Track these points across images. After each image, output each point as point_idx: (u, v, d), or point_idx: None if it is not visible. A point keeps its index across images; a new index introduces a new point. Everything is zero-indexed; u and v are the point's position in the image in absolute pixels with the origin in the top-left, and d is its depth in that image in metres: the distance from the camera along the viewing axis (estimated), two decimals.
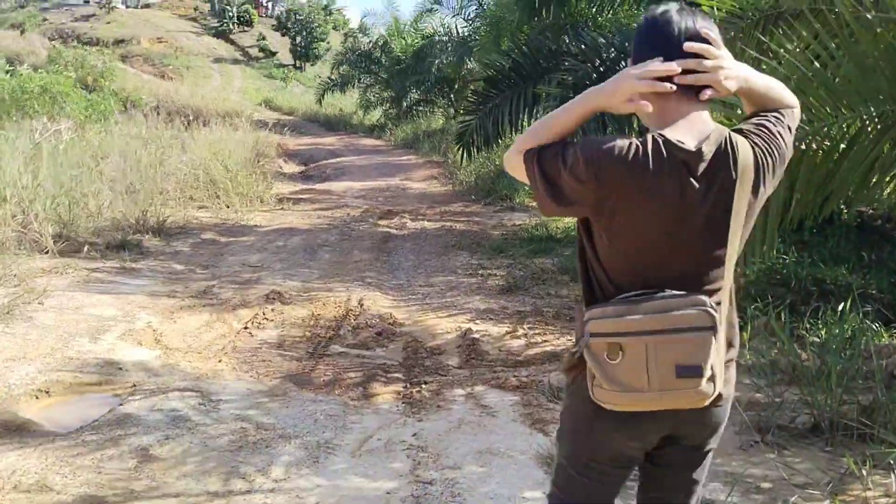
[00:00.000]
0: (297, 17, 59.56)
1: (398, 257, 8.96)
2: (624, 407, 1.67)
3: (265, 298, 6.74)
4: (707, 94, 1.73)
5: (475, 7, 19.34)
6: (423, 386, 4.73)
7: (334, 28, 62.33)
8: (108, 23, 63.51)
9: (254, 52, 62.50)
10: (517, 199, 13.60)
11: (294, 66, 59.16)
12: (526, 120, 10.79)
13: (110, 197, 10.30)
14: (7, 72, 17.16)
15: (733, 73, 1.74)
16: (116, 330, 5.68)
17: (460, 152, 11.41)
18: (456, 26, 21.27)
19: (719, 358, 1.64)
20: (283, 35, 60.91)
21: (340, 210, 13.04)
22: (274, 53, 60.83)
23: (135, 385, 4.58)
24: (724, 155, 1.68)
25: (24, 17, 65.79)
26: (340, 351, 5.42)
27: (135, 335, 5.59)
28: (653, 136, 1.68)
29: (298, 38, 58.57)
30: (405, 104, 27.88)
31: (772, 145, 1.76)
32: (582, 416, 1.82)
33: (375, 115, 30.64)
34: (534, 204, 14.23)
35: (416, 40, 23.90)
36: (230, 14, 66.88)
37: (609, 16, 10.86)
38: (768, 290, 5.67)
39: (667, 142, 1.67)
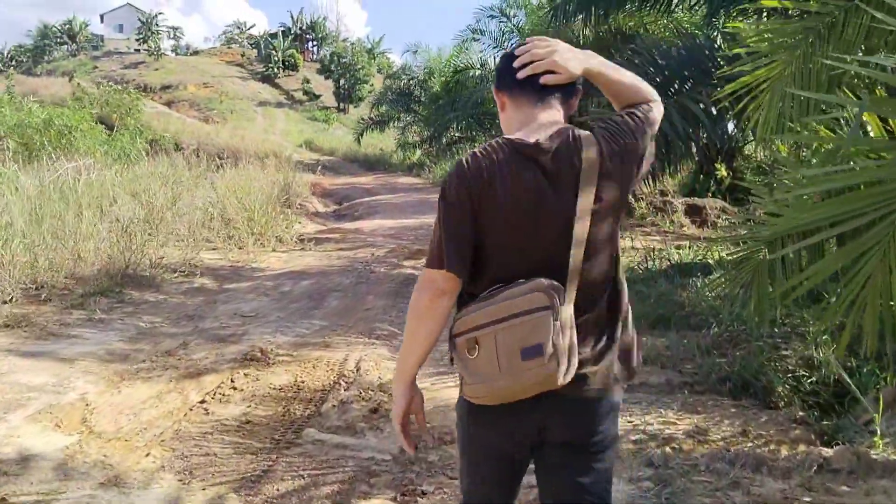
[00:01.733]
0: (342, 59, 59.59)
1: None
2: (486, 399, 1.71)
3: (242, 360, 5.41)
4: (548, 78, 1.81)
5: (516, 37, 18.27)
6: (420, 501, 3.29)
7: (378, 71, 62.17)
8: (157, 69, 64.45)
9: (298, 95, 62.66)
10: None
11: (337, 108, 59.02)
12: None
13: (107, 239, 9.15)
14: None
15: (572, 55, 1.83)
16: (35, 405, 4.39)
17: None
18: (493, 58, 20.24)
19: (565, 336, 1.64)
20: (326, 78, 61.02)
21: (365, 250, 11.77)
22: (318, 96, 60.82)
23: (3, 499, 3.23)
24: (568, 147, 1.74)
25: (75, 65, 67.17)
26: (316, 438, 4.02)
27: (55, 413, 4.28)
28: (496, 140, 1.79)
29: (342, 81, 58.57)
30: (444, 141, 27.03)
31: (618, 133, 1.79)
32: (464, 420, 1.87)
33: (415, 153, 29.69)
34: None
35: (451, 76, 22.79)
36: (275, 59, 67.32)
37: (663, 23, 9.47)
38: None
39: (509, 142, 1.77)
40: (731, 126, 12.72)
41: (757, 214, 5.27)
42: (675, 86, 6.73)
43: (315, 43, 75.96)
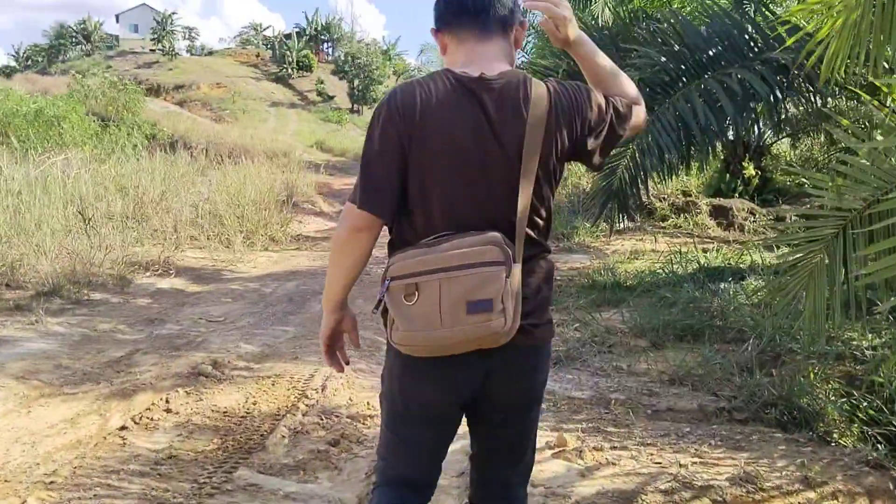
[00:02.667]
0: (356, 60, 58.92)
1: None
2: (419, 349, 1.61)
3: (189, 374, 4.51)
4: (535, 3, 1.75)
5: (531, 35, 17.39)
6: None
7: (394, 73, 61.41)
8: (171, 69, 63.95)
9: (311, 96, 61.98)
10: (575, 238, 11.24)
11: (351, 109, 58.29)
12: None
13: (73, 234, 8.31)
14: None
15: (573, 21, 1.77)
16: None
17: None
18: None
19: (514, 294, 1.56)
20: (340, 79, 60.34)
21: None
22: (331, 97, 60.10)
23: None
24: (516, 90, 1.63)
25: (89, 65, 66.81)
26: (251, 482, 3.10)
27: None
28: (437, 71, 1.69)
29: (356, 82, 57.90)
30: None
31: (574, 99, 1.70)
32: (395, 371, 1.76)
33: None
34: (596, 244, 12.03)
35: None
36: (290, 60, 66.76)
37: (693, 6, 8.48)
38: None
39: (451, 73, 1.66)
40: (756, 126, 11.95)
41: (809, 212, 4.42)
42: (701, 69, 5.77)
43: (329, 44, 75.37)
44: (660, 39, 6.21)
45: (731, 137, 10.60)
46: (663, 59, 5.81)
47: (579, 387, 4.55)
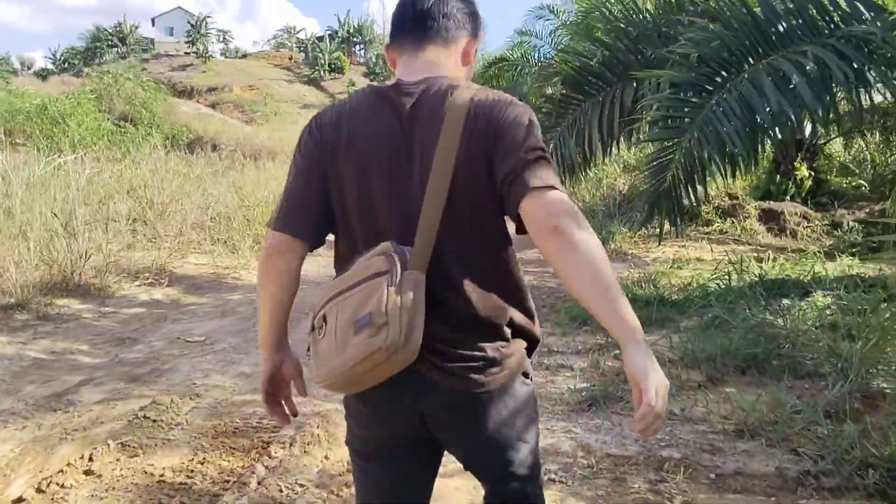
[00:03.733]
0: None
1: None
2: (330, 384, 1.44)
3: (135, 417, 3.65)
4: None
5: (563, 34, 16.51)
6: None
7: None
8: (204, 72, 64.03)
9: (343, 98, 61.56)
10: (611, 245, 10.25)
11: None
12: (620, 134, 7.52)
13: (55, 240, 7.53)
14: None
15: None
16: None
17: None
18: (535, 54, 18.36)
19: (403, 304, 1.34)
20: (372, 80, 59.95)
21: None
22: None
23: None
24: (435, 95, 1.49)
25: (123, 68, 67.07)
26: None
27: None
28: (361, 90, 1.60)
29: (387, 83, 57.48)
30: None
31: (498, 114, 1.48)
32: (346, 416, 1.64)
33: None
34: (635, 251, 11.04)
35: (484, 69, 20.93)
36: (322, 62, 66.50)
37: None
38: None
39: (370, 87, 1.59)
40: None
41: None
42: (770, 47, 4.76)
43: (361, 46, 75.05)
44: (727, 12, 5.19)
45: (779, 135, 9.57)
46: (725, 32, 4.82)
47: (621, 439, 3.60)
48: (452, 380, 1.46)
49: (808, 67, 4.40)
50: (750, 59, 4.49)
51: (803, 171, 12.12)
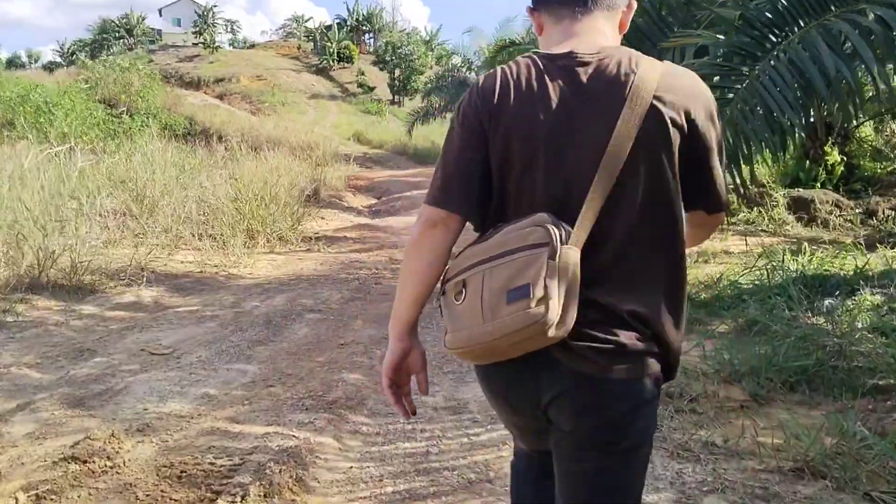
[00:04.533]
0: (397, 50, 57.75)
1: (429, 335, 5.03)
2: (468, 351, 1.41)
3: (60, 459, 3.00)
4: None
5: None
6: None
7: (437, 62, 59.93)
8: (212, 63, 63.44)
9: (352, 87, 60.86)
10: None
11: (392, 100, 57.04)
12: None
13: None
14: None
15: None
16: None
17: None
18: None
19: (563, 280, 1.30)
20: (381, 69, 59.24)
21: (383, 252, 9.42)
22: (372, 88, 58.88)
23: None
24: (617, 66, 1.41)
25: (130, 60, 66.41)
26: None
27: None
28: (526, 57, 1.50)
29: (397, 72, 56.76)
30: None
31: (691, 94, 1.42)
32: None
33: None
34: None
35: (494, 53, 20.13)
36: (330, 51, 65.74)
37: None
38: None
39: (538, 54, 1.49)
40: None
41: None
42: (823, 6, 4.06)
43: (371, 35, 74.27)
44: None
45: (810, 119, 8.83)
46: None
47: (653, 481, 2.93)
48: (577, 361, 1.38)
49: (867, 28, 3.70)
50: (801, 21, 3.78)
51: (834, 156, 11.39)
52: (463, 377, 4.21)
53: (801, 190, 10.91)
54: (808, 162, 11.52)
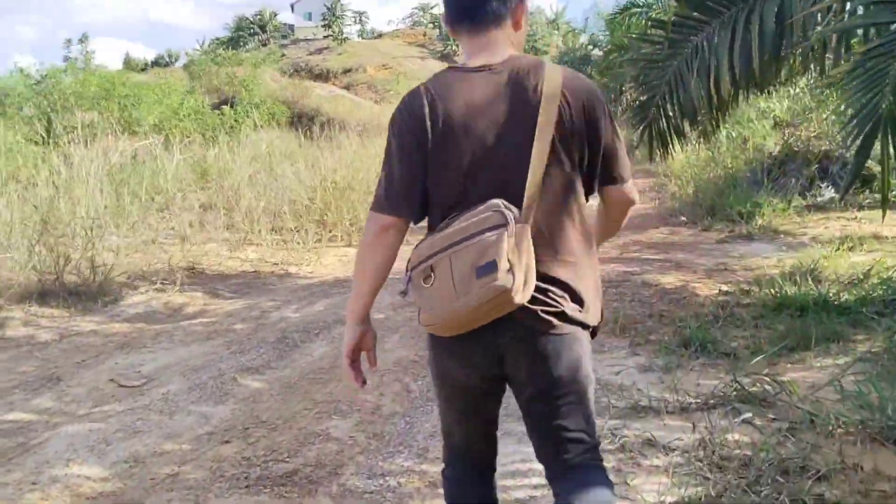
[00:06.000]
0: None
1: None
2: (444, 325, 1.59)
3: None
4: None
5: None
6: None
7: (563, 41, 58.08)
8: (340, 54, 64.22)
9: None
10: (756, 222, 8.00)
11: None
12: (766, 69, 5.35)
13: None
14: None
15: None
16: None
17: (642, 137, 6.11)
18: None
19: (521, 254, 1.52)
20: None
21: None
22: None
23: None
24: (525, 71, 1.63)
25: (264, 55, 68.24)
26: None
27: None
28: (448, 70, 1.71)
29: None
30: (620, 107, 23.00)
31: (588, 97, 1.64)
32: (430, 354, 1.78)
33: None
34: (787, 227, 8.69)
35: (610, 20, 18.43)
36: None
37: None
38: None
39: (456, 66, 1.73)
40: None
41: None
42: None
43: None
44: None
45: None
46: None
47: None
48: (531, 319, 1.58)
49: None
50: None
51: None
52: None
53: None
54: None
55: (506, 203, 1.53)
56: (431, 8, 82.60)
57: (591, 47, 24.91)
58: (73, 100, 11.76)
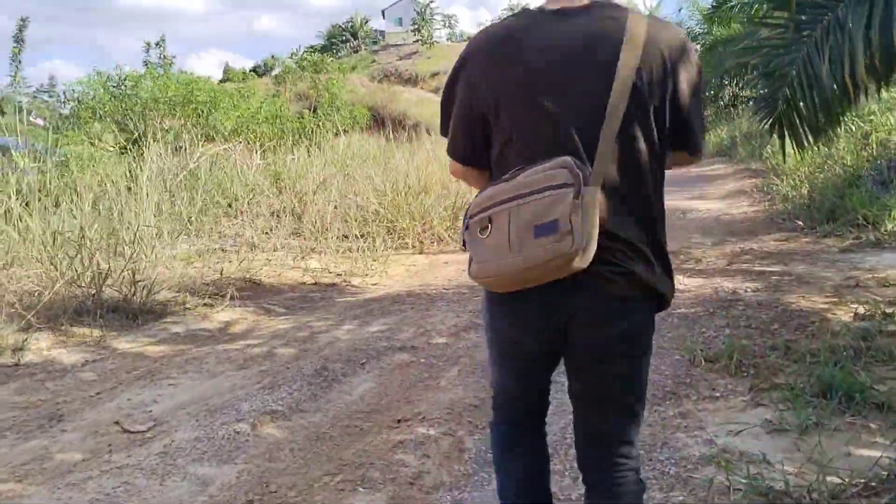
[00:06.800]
0: None
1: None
2: (494, 280, 1.52)
3: None
4: None
5: None
6: None
7: None
8: (429, 58, 64.34)
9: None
10: (888, 225, 6.88)
11: None
12: None
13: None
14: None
15: None
16: None
17: (770, 134, 5.16)
18: None
19: (586, 215, 1.41)
20: None
21: None
22: None
23: None
24: (607, 19, 1.51)
25: (356, 61, 68.73)
26: None
27: None
28: (522, 12, 1.62)
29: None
30: (721, 102, 21.73)
31: (673, 51, 1.52)
32: (485, 310, 1.71)
33: None
34: None
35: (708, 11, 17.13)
36: None
37: None
38: None
39: (536, 11, 1.58)
40: None
41: None
42: None
43: None
44: None
45: None
46: None
47: None
48: (600, 282, 1.50)
49: None
50: None
51: None
52: None
53: None
54: None
55: (577, 161, 1.43)
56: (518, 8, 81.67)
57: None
58: (151, 105, 11.54)
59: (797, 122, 4.86)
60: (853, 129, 10.52)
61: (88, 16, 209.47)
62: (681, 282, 5.62)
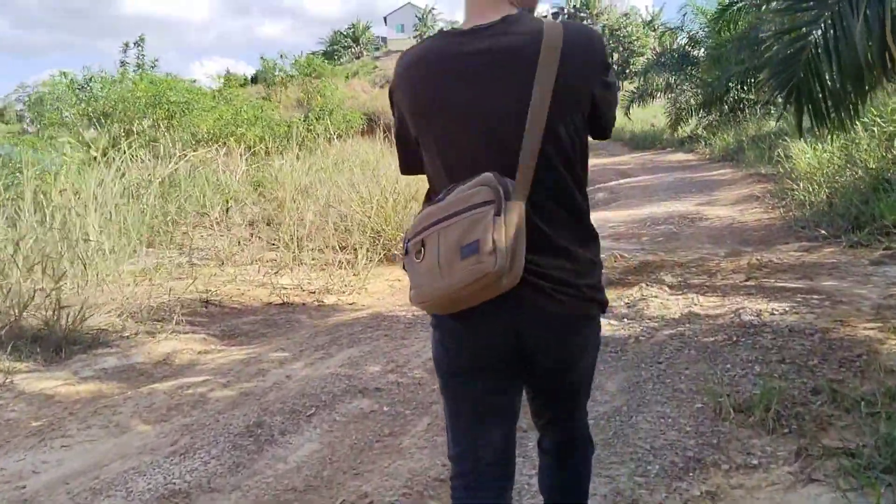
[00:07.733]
0: (615, 33, 54.88)
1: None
2: (431, 304, 1.48)
3: None
4: None
5: None
6: None
7: (659, 41, 55.94)
8: None
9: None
10: None
11: None
12: None
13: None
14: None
15: None
16: None
17: (786, 105, 4.44)
18: None
19: (509, 233, 1.39)
20: None
21: None
22: None
23: None
24: (522, 33, 1.50)
25: (357, 67, 68.15)
26: None
27: None
28: (436, 36, 1.59)
29: (615, 56, 53.75)
30: (726, 106, 20.98)
31: (587, 49, 1.51)
32: (433, 336, 1.65)
33: (689, 124, 23.66)
34: None
35: (716, 15, 16.47)
36: None
37: None
38: None
39: (444, 31, 1.60)
40: None
41: None
42: None
43: (589, 20, 71.24)
44: None
45: None
46: None
47: None
48: (542, 298, 1.48)
49: None
50: None
51: None
52: None
53: None
54: None
55: (499, 176, 1.40)
56: None
57: (689, 46, 23.17)
58: (119, 106, 10.82)
59: (818, 91, 4.14)
60: (876, 131, 9.78)
61: (91, 24, 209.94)
62: (694, 301, 4.87)
